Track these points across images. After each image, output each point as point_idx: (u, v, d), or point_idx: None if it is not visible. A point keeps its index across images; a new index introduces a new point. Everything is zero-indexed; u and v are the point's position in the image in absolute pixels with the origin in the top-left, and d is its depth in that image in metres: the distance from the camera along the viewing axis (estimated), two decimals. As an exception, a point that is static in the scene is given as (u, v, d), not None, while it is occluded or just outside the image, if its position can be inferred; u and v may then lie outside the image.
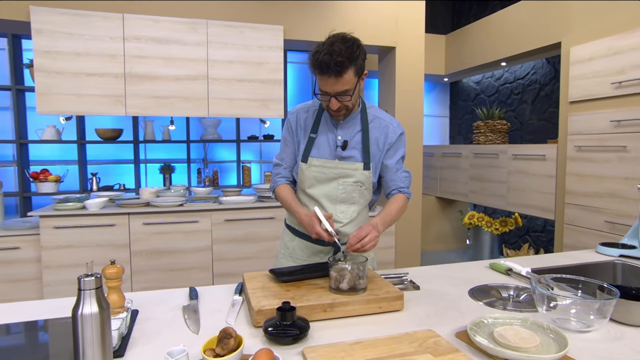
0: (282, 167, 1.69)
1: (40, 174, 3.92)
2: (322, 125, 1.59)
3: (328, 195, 1.58)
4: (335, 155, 1.57)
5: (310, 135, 1.59)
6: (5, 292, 2.98)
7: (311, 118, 1.61)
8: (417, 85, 3.80)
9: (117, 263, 1.20)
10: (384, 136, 1.60)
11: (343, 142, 1.56)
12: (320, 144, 1.58)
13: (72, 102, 3.06)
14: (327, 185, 1.58)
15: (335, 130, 1.58)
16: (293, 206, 1.56)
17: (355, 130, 1.58)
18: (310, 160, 1.57)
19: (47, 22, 2.97)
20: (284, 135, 1.68)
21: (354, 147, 1.57)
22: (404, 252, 3.87)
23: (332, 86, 1.40)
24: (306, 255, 1.65)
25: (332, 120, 1.59)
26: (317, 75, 1.41)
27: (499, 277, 1.60)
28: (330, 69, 1.35)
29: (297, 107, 1.67)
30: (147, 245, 3.17)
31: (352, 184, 1.57)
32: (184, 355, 0.84)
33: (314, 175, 1.57)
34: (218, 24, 3.28)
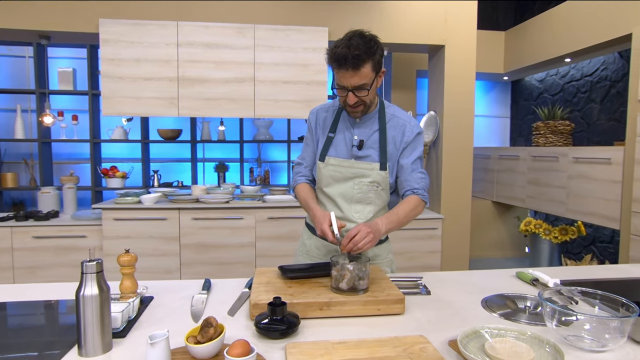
0: (303, 166, 1.73)
1: (109, 171, 4.30)
2: (340, 125, 1.60)
3: (344, 195, 1.59)
4: (351, 155, 1.57)
5: (328, 135, 1.60)
6: (72, 275, 3.32)
7: (331, 117, 1.63)
8: (467, 85, 3.64)
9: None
10: (400, 135, 1.58)
11: (359, 141, 1.56)
12: (338, 143, 1.59)
13: (132, 104, 3.34)
14: (343, 185, 1.58)
15: (352, 129, 1.59)
16: (310, 204, 1.58)
17: (372, 130, 1.58)
18: (327, 159, 1.59)
19: (112, 32, 3.26)
20: (305, 135, 1.72)
21: (370, 147, 1.57)
22: (451, 257, 3.73)
23: (350, 79, 1.41)
24: (322, 254, 1.66)
25: (350, 120, 1.59)
26: (334, 70, 1.43)
27: (522, 287, 1.50)
28: (348, 61, 1.36)
29: (318, 107, 1.70)
30: (195, 239, 3.36)
31: (367, 184, 1.56)
32: (163, 339, 0.89)
33: (331, 174, 1.59)
34: (265, 27, 3.39)
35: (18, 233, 3.28)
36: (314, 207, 1.55)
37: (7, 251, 3.27)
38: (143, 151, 4.49)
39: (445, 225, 3.69)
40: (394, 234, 3.58)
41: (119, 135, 4.38)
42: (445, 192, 3.71)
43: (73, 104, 4.55)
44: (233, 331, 1.13)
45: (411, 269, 3.65)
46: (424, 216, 3.66)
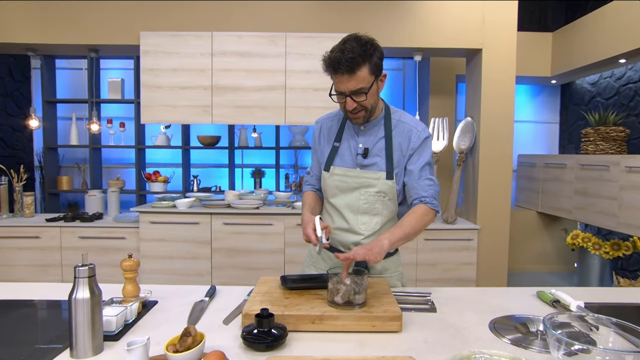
0: (310, 175, 1.72)
1: (152, 175, 4.51)
2: (345, 133, 1.56)
3: (350, 206, 1.54)
4: (356, 164, 1.53)
5: (334, 144, 1.57)
6: (111, 274, 3.50)
7: (336, 126, 1.59)
8: (506, 90, 3.46)
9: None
10: (407, 141, 1.52)
11: (364, 149, 1.51)
12: (343, 152, 1.55)
13: (168, 112, 3.48)
14: (349, 195, 1.54)
15: (357, 137, 1.54)
16: (303, 209, 1.57)
17: (377, 137, 1.52)
18: (333, 169, 1.55)
19: (152, 44, 3.42)
20: (312, 145, 1.69)
21: (376, 155, 1.51)
22: (488, 269, 3.55)
23: (346, 84, 1.37)
24: (329, 266, 1.62)
25: (355, 128, 1.55)
26: (331, 76, 1.40)
27: (540, 309, 1.39)
28: (342, 65, 1.33)
29: (323, 116, 1.66)
30: (226, 243, 3.43)
31: (374, 194, 1.51)
32: (140, 346, 0.91)
33: (336, 185, 1.55)
34: (296, 35, 3.42)
35: (66, 233, 3.51)
36: (304, 212, 1.53)
37: (56, 249, 3.51)
38: (183, 157, 4.66)
39: (481, 237, 3.52)
40: (426, 245, 3.48)
41: (161, 142, 4.58)
42: (482, 201, 3.54)
43: (122, 112, 4.82)
44: (223, 340, 1.13)
45: (444, 282, 3.51)
46: (459, 226, 3.52)
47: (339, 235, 1.56)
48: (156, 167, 4.85)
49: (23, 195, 3.77)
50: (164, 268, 3.44)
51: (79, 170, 4.73)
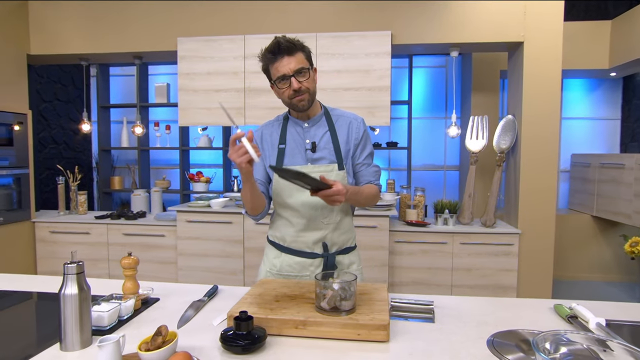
0: (258, 182, 1.60)
1: (195, 176, 4.69)
2: (289, 135, 1.59)
3: (308, 203, 1.54)
4: (307, 159, 1.56)
5: (279, 147, 1.59)
6: (152, 270, 3.68)
7: (277, 130, 1.62)
8: (551, 85, 3.22)
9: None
10: (350, 133, 1.60)
11: (311, 144, 1.56)
12: (291, 151, 1.58)
13: (204, 115, 3.60)
14: (305, 192, 1.50)
15: (303, 134, 1.58)
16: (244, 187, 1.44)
17: (322, 131, 1.58)
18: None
19: (188, 49, 3.56)
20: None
21: (324, 148, 1.57)
22: (530, 277, 3.32)
23: (288, 65, 1.43)
24: (296, 272, 1.59)
25: (297, 128, 1.59)
26: (270, 64, 1.47)
27: (554, 324, 1.27)
28: (282, 47, 1.43)
29: (261, 126, 1.67)
30: (258, 243, 3.49)
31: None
32: (111, 343, 0.94)
33: (288, 184, 1.53)
34: (327, 35, 3.40)
35: (112, 230, 3.74)
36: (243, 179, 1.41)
37: (104, 245, 3.75)
38: (224, 158, 4.80)
39: (523, 242, 3.30)
40: (462, 249, 3.32)
41: (203, 144, 4.75)
42: (524, 204, 3.32)
43: (168, 115, 5.06)
44: (205, 341, 1.14)
45: (481, 288, 3.33)
46: (498, 230, 3.32)
47: (302, 236, 1.57)
48: (200, 167, 5.03)
49: (77, 194, 4.06)
50: (200, 265, 3.56)
51: (128, 170, 5.03)
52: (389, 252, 3.39)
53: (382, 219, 3.33)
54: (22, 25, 3.79)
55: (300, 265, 1.58)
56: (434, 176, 4.99)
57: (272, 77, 1.49)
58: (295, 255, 1.58)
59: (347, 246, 1.63)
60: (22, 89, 3.79)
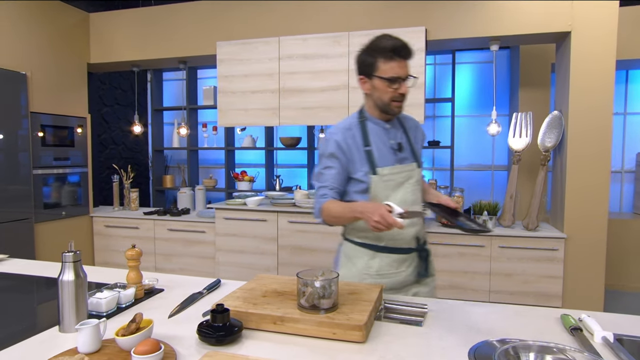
0: (328, 188, 1.58)
1: (239, 175, 4.86)
2: (372, 136, 1.59)
3: (404, 201, 1.55)
4: (395, 160, 1.59)
5: (365, 149, 1.56)
6: (193, 264, 3.86)
7: (358, 134, 1.58)
8: (603, 77, 2.94)
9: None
10: (418, 133, 1.70)
11: (397, 144, 1.60)
12: (379, 152, 1.57)
13: (241, 115, 3.72)
14: (398, 192, 1.57)
15: (386, 136, 1.60)
16: (352, 205, 1.46)
17: (400, 132, 1.63)
18: (380, 171, 1.55)
19: (226, 52, 3.70)
20: (326, 160, 1.58)
21: (405, 148, 1.62)
22: (578, 285, 3.07)
23: (405, 69, 1.48)
24: (394, 269, 1.58)
25: (379, 128, 1.60)
26: (386, 60, 1.47)
27: (554, 335, 1.17)
28: (406, 50, 1.47)
29: (337, 130, 1.60)
30: (291, 241, 3.54)
31: (414, 184, 1.61)
32: (90, 326, 1.01)
33: (386, 185, 1.55)
34: (359, 34, 3.37)
35: (158, 225, 3.98)
36: (361, 203, 1.44)
37: (150, 240, 4.00)
38: (267, 157, 4.93)
39: (569, 247, 3.06)
40: (501, 252, 3.14)
41: (247, 144, 4.91)
42: (571, 206, 3.07)
43: (215, 117, 5.26)
44: (186, 331, 1.18)
45: (522, 295, 3.13)
46: (541, 234, 3.11)
47: (402, 233, 1.56)
48: (246, 167, 5.21)
49: (130, 191, 4.37)
50: (237, 261, 3.69)
51: (179, 170, 5.32)
52: (423, 254, 3.29)
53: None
54: (84, 36, 4.15)
55: (397, 262, 1.58)
56: (481, 176, 4.77)
57: (380, 73, 1.48)
58: (392, 253, 1.57)
59: (425, 239, 1.68)
60: (82, 95, 4.15)
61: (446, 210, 1.52)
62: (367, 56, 1.51)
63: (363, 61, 1.53)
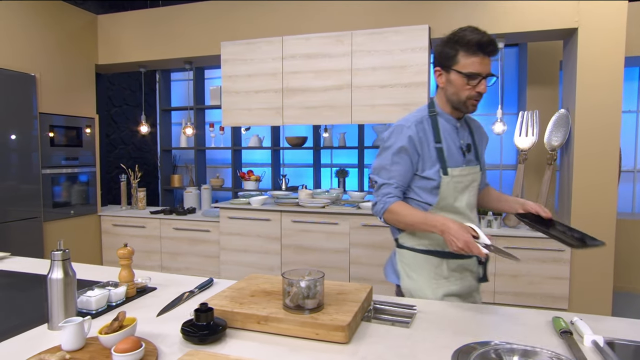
0: (393, 186, 1.48)
1: (246, 174, 4.89)
2: (443, 133, 1.49)
3: (469, 204, 1.54)
4: (463, 161, 1.52)
5: (436, 146, 1.47)
6: (198, 263, 3.89)
7: (429, 128, 1.48)
8: (611, 75, 2.88)
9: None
10: (482, 135, 1.65)
11: (467, 145, 1.53)
12: (449, 151, 1.49)
13: (245, 115, 3.73)
14: (465, 194, 1.52)
15: (456, 135, 1.53)
16: (429, 217, 1.39)
17: (467, 133, 1.57)
18: (451, 171, 1.47)
19: (230, 52, 3.71)
20: (393, 154, 1.48)
21: (471, 150, 1.56)
22: (585, 287, 3.01)
23: (487, 66, 1.39)
24: (458, 273, 1.53)
25: (450, 125, 1.51)
26: (468, 54, 1.37)
27: (541, 339, 1.15)
28: (492, 46, 1.37)
29: (410, 121, 1.48)
30: (294, 240, 3.55)
31: (477, 186, 1.58)
32: (73, 324, 1.02)
33: (455, 187, 1.49)
34: (362, 32, 3.36)
35: (164, 224, 4.02)
36: (439, 219, 1.36)
37: (157, 238, 4.04)
38: (273, 157, 4.94)
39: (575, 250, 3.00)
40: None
41: (254, 143, 4.93)
42: (578, 206, 3.01)
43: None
44: (172, 330, 1.19)
45: (528, 297, 3.09)
46: (547, 235, 3.05)
47: None
48: (252, 166, 5.23)
49: (138, 190, 4.42)
50: (241, 260, 3.70)
51: (187, 169, 5.37)
52: (427, 255, 3.26)
53: (418, 219, 3.21)
54: (92, 38, 4.22)
55: (462, 266, 1.53)
56: (489, 175, 4.71)
57: (459, 68, 1.39)
58: (458, 258, 1.52)
59: None
60: (90, 96, 4.21)
61: (537, 219, 1.40)
62: (447, 47, 1.40)
63: (442, 52, 1.42)
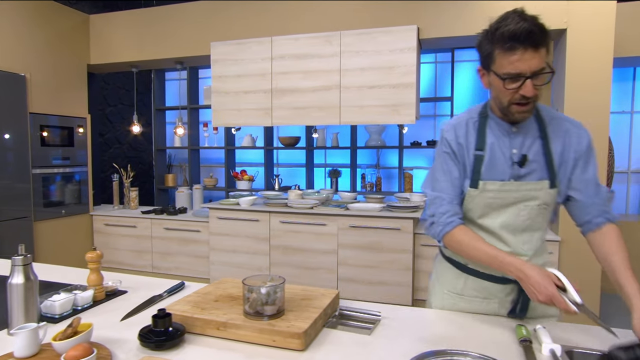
0: (446, 200, 1.32)
1: (239, 174, 4.89)
2: (489, 139, 1.29)
3: (507, 225, 1.29)
4: (511, 175, 1.27)
5: (475, 154, 1.29)
6: (189, 263, 3.90)
7: (472, 132, 1.31)
8: (600, 75, 2.85)
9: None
10: (567, 142, 1.27)
11: (521, 156, 1.26)
12: (491, 162, 1.28)
13: (234, 116, 3.73)
14: (504, 213, 1.29)
15: (508, 141, 1.28)
16: (503, 257, 1.18)
17: (532, 139, 1.27)
18: (483, 185, 1.28)
19: (220, 53, 3.71)
20: (440, 160, 1.34)
21: (533, 160, 1.27)
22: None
23: (529, 62, 1.11)
24: (482, 296, 1.36)
25: (502, 130, 1.29)
26: (503, 51, 1.14)
27: (498, 347, 1.14)
28: (533, 35, 1.10)
29: (452, 123, 1.36)
30: (283, 241, 3.54)
31: (536, 207, 1.27)
32: (25, 331, 1.02)
33: (487, 203, 1.29)
34: (351, 33, 3.34)
35: (155, 224, 4.02)
36: (521, 264, 1.15)
37: (148, 238, 4.05)
38: (266, 157, 4.94)
39: (563, 250, 2.99)
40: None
41: (247, 143, 4.93)
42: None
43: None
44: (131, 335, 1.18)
45: (515, 299, 3.07)
46: (535, 237, 3.03)
47: None
48: (246, 166, 5.23)
49: (130, 190, 4.43)
50: (230, 261, 3.71)
51: (181, 169, 5.38)
52: (415, 256, 3.26)
53: (406, 221, 3.20)
54: (84, 38, 4.22)
55: (487, 290, 1.35)
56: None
57: (496, 68, 1.17)
58: (482, 278, 1.34)
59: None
60: (82, 96, 4.22)
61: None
62: (485, 43, 1.19)
63: (480, 49, 1.22)
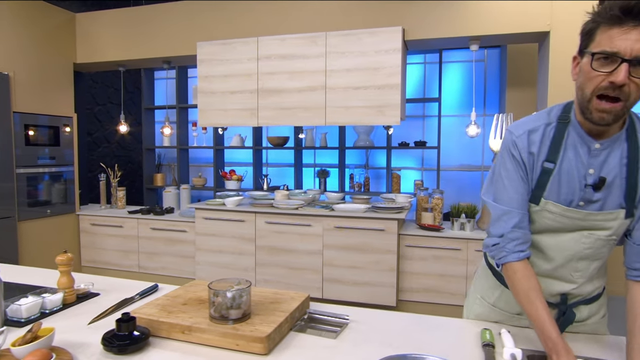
0: (517, 219, 1.12)
1: (228, 174, 4.88)
2: (564, 151, 1.08)
3: (564, 249, 1.13)
4: (579, 198, 1.08)
5: (544, 166, 1.10)
6: (175, 263, 3.89)
7: (547, 140, 1.10)
8: (582, 77, 2.87)
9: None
10: None
11: (598, 179, 1.05)
12: (561, 180, 1.09)
13: (220, 116, 3.72)
14: (563, 237, 1.13)
15: (585, 159, 1.06)
16: (547, 327, 1.01)
17: (617, 158, 1.05)
18: (544, 204, 1.11)
19: (206, 53, 3.70)
20: (506, 166, 1.15)
21: (612, 183, 1.06)
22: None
23: (633, 43, 0.88)
24: (515, 311, 1.28)
25: (582, 143, 1.06)
26: (606, 27, 0.92)
27: (462, 351, 1.15)
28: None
29: (526, 127, 1.13)
30: (268, 241, 3.54)
31: (604, 238, 1.10)
32: (-14, 336, 1.02)
33: (547, 223, 1.13)
34: (336, 34, 3.34)
35: (142, 224, 4.01)
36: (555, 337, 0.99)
37: (134, 238, 4.04)
38: (254, 157, 4.94)
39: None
40: (476, 255, 3.09)
41: (236, 143, 4.92)
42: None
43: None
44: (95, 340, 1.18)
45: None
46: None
47: (541, 282, 1.12)
48: (235, 166, 5.23)
49: (117, 190, 4.41)
50: (216, 261, 3.70)
51: (170, 168, 5.36)
52: (400, 257, 3.27)
53: (391, 222, 3.21)
54: (70, 36, 4.19)
55: (519, 307, 1.25)
56: (471, 177, 4.71)
57: (592, 47, 0.95)
58: None
59: (592, 295, 1.21)
60: (69, 95, 4.20)
61: None
62: (590, 22, 0.97)
63: (583, 30, 1.00)
